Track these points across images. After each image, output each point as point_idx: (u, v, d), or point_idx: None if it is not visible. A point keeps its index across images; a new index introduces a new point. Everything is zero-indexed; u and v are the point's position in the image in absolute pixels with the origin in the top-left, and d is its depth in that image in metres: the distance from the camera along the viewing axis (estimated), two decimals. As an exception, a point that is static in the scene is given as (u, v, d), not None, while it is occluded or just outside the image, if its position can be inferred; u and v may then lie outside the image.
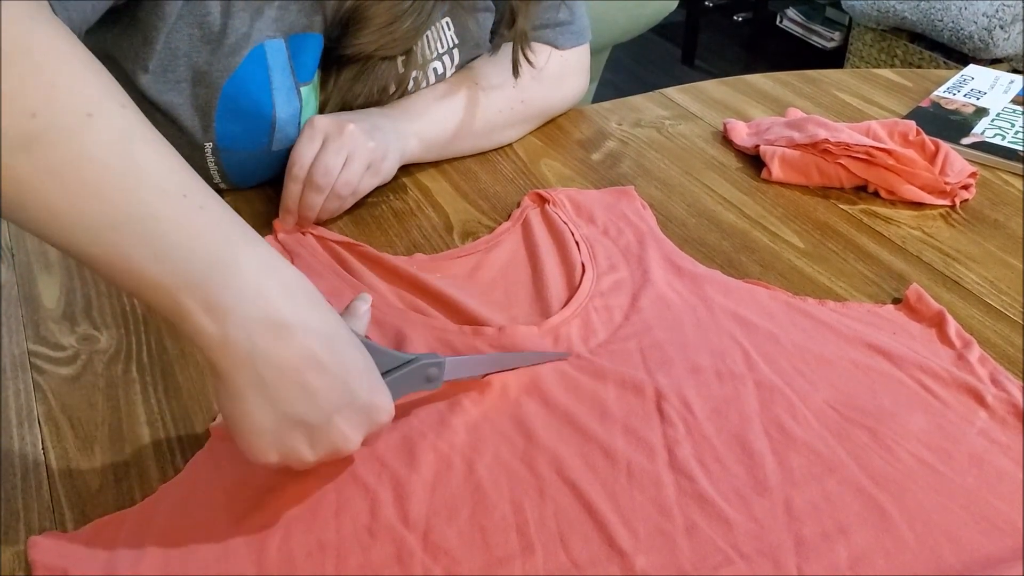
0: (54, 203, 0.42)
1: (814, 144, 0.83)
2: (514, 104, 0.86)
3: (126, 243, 0.43)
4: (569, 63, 0.91)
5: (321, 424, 0.47)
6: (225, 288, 0.44)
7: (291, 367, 0.45)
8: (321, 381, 0.46)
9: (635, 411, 0.57)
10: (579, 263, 0.70)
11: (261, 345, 0.44)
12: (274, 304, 0.45)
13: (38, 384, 0.59)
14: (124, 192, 0.43)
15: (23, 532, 0.49)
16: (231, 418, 0.46)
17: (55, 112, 0.42)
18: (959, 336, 0.64)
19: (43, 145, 0.41)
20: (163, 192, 0.44)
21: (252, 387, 0.45)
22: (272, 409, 0.45)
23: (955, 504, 0.51)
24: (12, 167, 0.41)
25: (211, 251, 0.44)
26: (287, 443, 0.46)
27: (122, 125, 0.44)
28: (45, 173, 0.41)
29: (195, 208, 0.45)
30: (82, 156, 0.42)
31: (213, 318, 0.44)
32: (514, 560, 0.48)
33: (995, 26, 2.25)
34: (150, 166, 0.44)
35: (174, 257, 0.43)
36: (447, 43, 0.83)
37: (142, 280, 0.43)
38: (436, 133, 0.81)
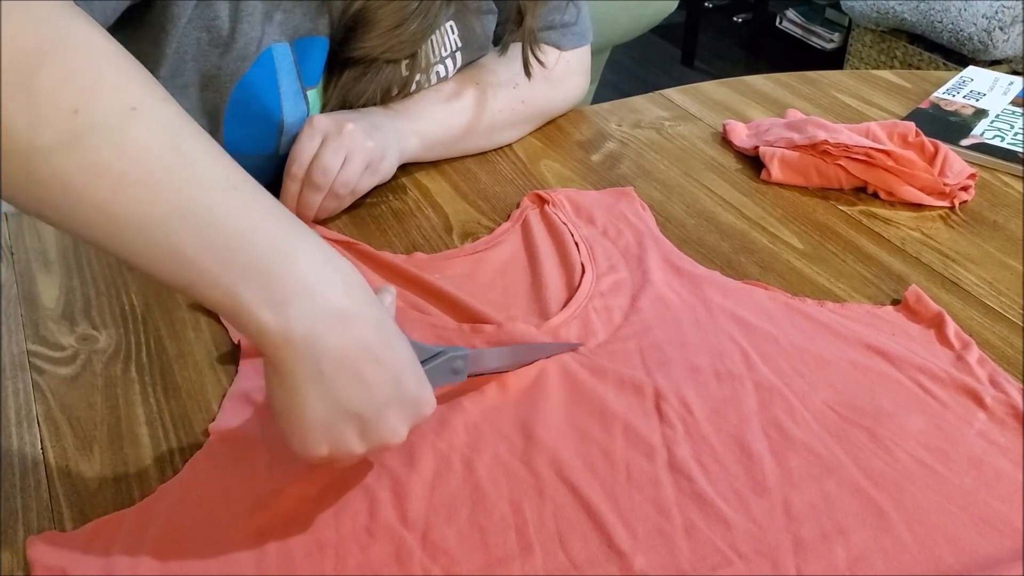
0: (103, 201, 0.41)
1: (813, 145, 0.83)
2: (515, 104, 0.86)
3: (180, 238, 0.42)
4: (571, 64, 0.91)
5: (373, 417, 0.46)
6: (285, 280, 0.43)
7: (349, 359, 0.45)
8: (376, 373, 0.46)
9: (634, 411, 0.57)
10: (578, 264, 0.70)
11: (322, 337, 0.44)
12: (333, 295, 0.45)
13: (37, 384, 0.59)
14: (176, 186, 0.42)
15: (22, 532, 0.49)
16: (286, 411, 0.46)
17: (98, 108, 0.41)
18: (958, 337, 0.64)
19: (87, 142, 0.40)
20: (214, 185, 0.43)
21: (311, 380, 0.44)
22: (328, 402, 0.45)
23: (953, 505, 0.51)
24: (56, 166, 0.40)
25: (269, 242, 0.44)
26: (338, 436, 0.46)
27: (167, 119, 0.43)
28: (92, 171, 0.40)
29: (248, 200, 0.44)
30: (129, 151, 0.41)
31: (274, 311, 0.43)
32: (513, 560, 0.48)
33: (995, 27, 2.26)
34: (199, 159, 0.43)
35: (231, 250, 0.43)
36: (451, 46, 0.83)
37: (197, 275, 0.42)
38: (436, 132, 0.81)
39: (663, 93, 1.02)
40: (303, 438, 0.46)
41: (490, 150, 0.88)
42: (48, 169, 0.40)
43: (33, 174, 0.40)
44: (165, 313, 0.65)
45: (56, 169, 0.40)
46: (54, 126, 0.40)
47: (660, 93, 1.02)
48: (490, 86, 0.85)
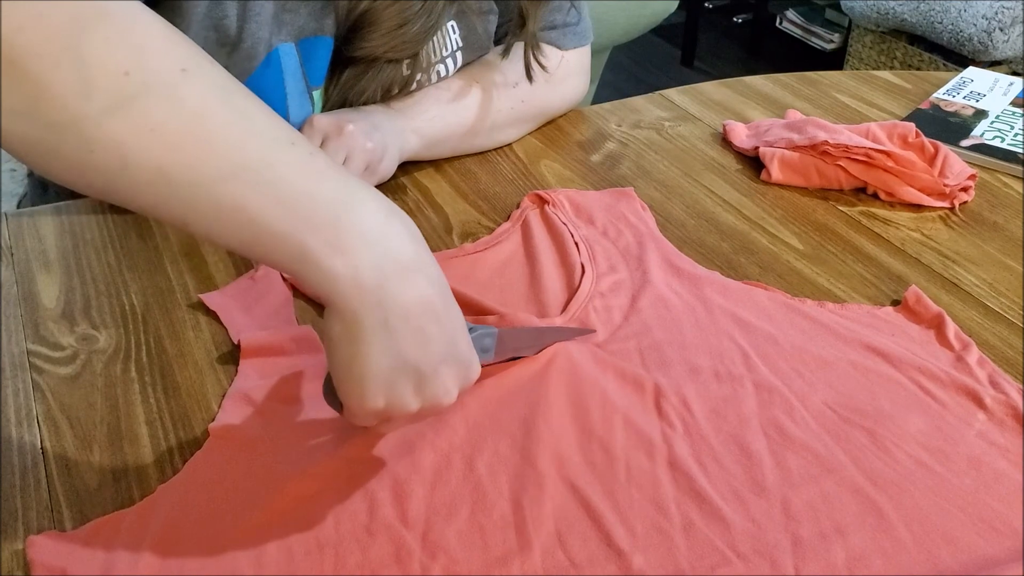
0: (160, 161, 0.41)
1: (813, 146, 0.83)
2: (515, 103, 0.86)
3: (241, 193, 0.42)
4: (571, 64, 0.91)
5: (430, 373, 0.47)
6: (353, 228, 0.44)
7: (414, 311, 0.45)
8: (435, 329, 0.46)
9: (634, 409, 0.57)
10: (578, 264, 0.70)
11: (391, 287, 0.44)
12: (400, 246, 0.45)
13: (37, 383, 0.59)
14: (235, 142, 0.42)
15: (22, 531, 0.49)
16: (347, 362, 0.45)
17: (149, 69, 0.41)
18: (958, 338, 0.64)
19: (141, 103, 0.40)
20: (274, 140, 0.44)
21: (376, 329, 0.44)
22: (390, 353, 0.45)
23: (952, 505, 0.51)
24: (111, 130, 0.40)
25: (333, 194, 0.44)
26: (396, 389, 0.46)
27: (217, 79, 0.43)
28: (147, 131, 0.40)
29: (306, 155, 0.44)
30: (184, 111, 0.41)
31: (344, 259, 0.43)
32: (512, 559, 0.48)
33: (995, 28, 2.26)
34: (254, 116, 0.44)
35: (297, 201, 0.43)
36: (452, 46, 0.83)
37: (260, 229, 0.42)
38: (436, 131, 0.81)
39: (663, 93, 1.02)
40: (363, 389, 0.46)
41: (490, 149, 0.88)
42: (102, 133, 0.40)
43: (86, 141, 0.40)
44: (165, 313, 0.65)
45: (111, 133, 0.40)
46: (106, 89, 0.39)
47: (660, 93, 1.02)
48: (491, 85, 0.85)
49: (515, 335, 0.60)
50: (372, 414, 0.47)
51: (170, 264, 0.70)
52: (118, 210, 0.76)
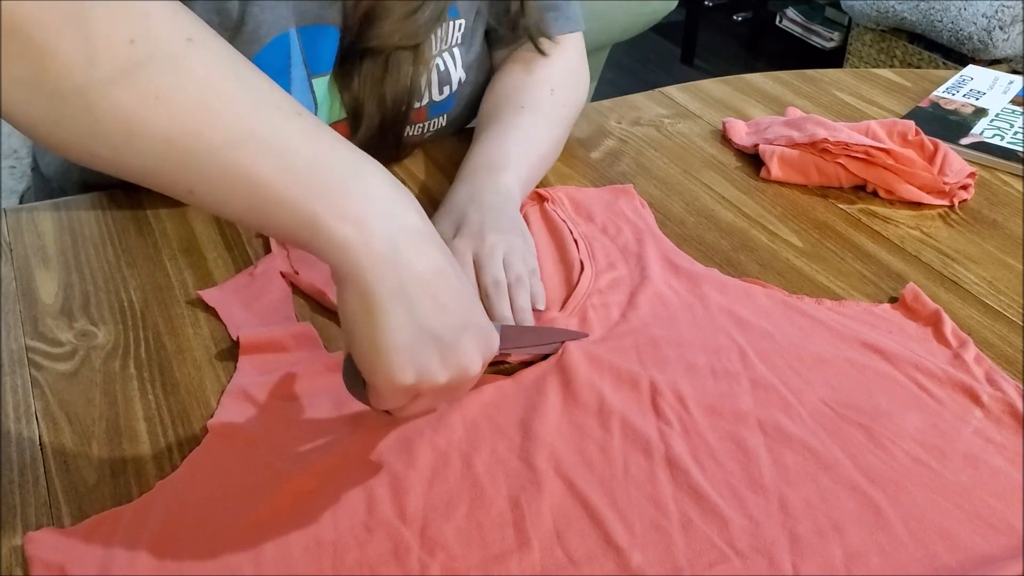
0: (166, 129, 0.40)
1: (813, 143, 0.83)
2: (560, 110, 0.84)
3: (250, 160, 0.42)
4: (575, 52, 0.89)
5: (453, 340, 0.46)
6: (362, 196, 0.43)
7: (428, 278, 0.45)
8: (451, 296, 0.46)
9: (631, 407, 0.57)
10: (577, 261, 0.70)
11: (404, 253, 0.44)
12: (408, 213, 0.45)
13: (36, 380, 0.59)
14: (242, 110, 0.42)
15: (20, 527, 0.49)
16: (369, 337, 0.44)
17: (155, 37, 0.40)
18: (955, 335, 0.64)
19: (147, 71, 0.40)
20: (279, 110, 0.43)
21: (394, 297, 0.44)
22: (410, 322, 0.44)
23: (950, 502, 0.51)
24: (116, 98, 0.39)
25: (340, 163, 0.44)
26: (422, 360, 0.45)
27: (221, 49, 0.43)
28: (154, 99, 0.40)
29: (312, 126, 0.44)
30: (190, 79, 0.41)
31: (354, 225, 0.43)
32: (511, 556, 0.48)
33: (994, 27, 2.25)
34: (259, 86, 0.44)
35: (303, 170, 0.42)
36: (450, 40, 0.82)
37: (268, 197, 0.42)
38: (525, 172, 0.77)
39: (663, 91, 1.02)
40: (389, 362, 0.45)
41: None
42: (108, 102, 0.39)
43: (92, 109, 0.40)
44: (164, 309, 0.65)
45: (116, 101, 0.39)
46: (111, 57, 0.39)
47: (660, 91, 1.02)
48: (535, 104, 0.82)
49: (516, 332, 0.60)
50: (402, 390, 0.46)
51: (169, 260, 0.70)
52: (118, 206, 0.76)
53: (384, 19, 0.74)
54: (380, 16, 0.74)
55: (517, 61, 0.86)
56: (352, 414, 0.56)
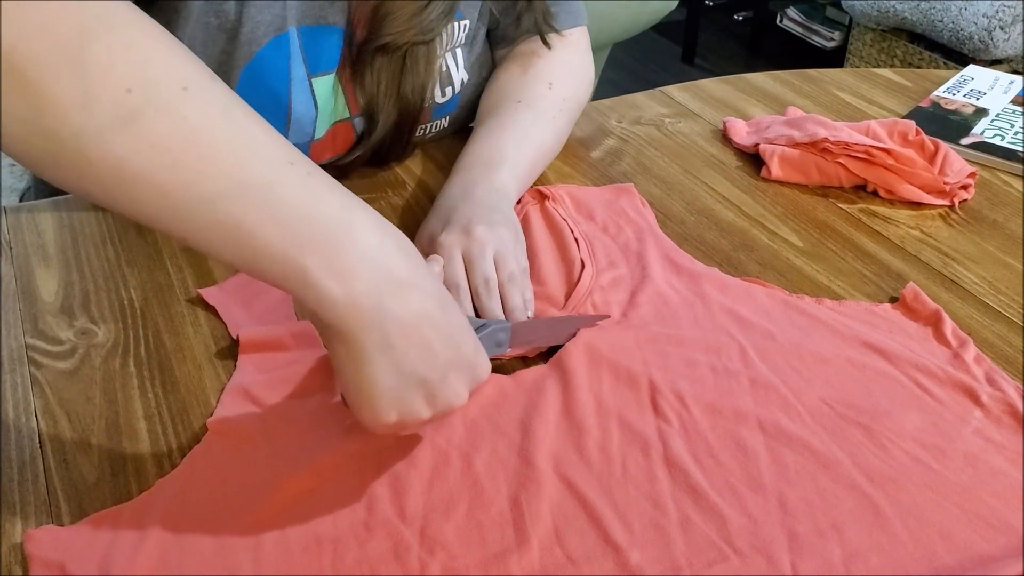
0: (161, 179, 0.41)
1: (814, 143, 0.83)
2: (560, 104, 0.84)
3: (242, 212, 0.42)
4: (579, 45, 0.89)
5: (437, 380, 0.48)
6: (348, 250, 0.44)
7: (412, 324, 0.46)
8: (437, 338, 0.47)
9: (630, 405, 0.57)
10: (578, 259, 0.70)
11: (386, 304, 0.45)
12: (394, 263, 0.46)
13: (35, 378, 0.59)
14: (236, 162, 0.42)
15: (20, 525, 0.49)
16: (355, 383, 0.46)
17: (151, 85, 0.41)
18: (955, 335, 0.64)
19: (143, 120, 0.40)
20: (273, 160, 0.44)
21: (378, 348, 0.45)
22: (396, 369, 0.46)
23: (949, 502, 0.51)
24: (111, 145, 0.40)
25: (330, 216, 0.44)
26: (407, 402, 0.47)
27: (218, 97, 0.43)
28: (149, 149, 0.40)
29: (304, 175, 0.45)
30: (186, 128, 0.41)
31: (339, 280, 0.44)
32: (510, 555, 0.48)
33: (995, 27, 2.25)
34: (255, 135, 0.44)
35: (294, 223, 0.43)
36: (455, 40, 0.82)
37: (260, 249, 0.43)
38: (521, 167, 0.77)
39: (663, 90, 1.02)
40: (374, 407, 0.47)
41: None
42: (102, 149, 0.40)
43: (86, 154, 0.40)
44: (164, 308, 0.65)
45: (111, 148, 0.40)
46: (107, 104, 0.39)
47: (660, 90, 1.02)
48: (534, 99, 0.82)
49: (529, 327, 0.61)
50: (387, 428, 0.48)
51: (169, 259, 0.70)
52: (117, 205, 0.76)
53: (394, 16, 0.73)
54: (389, 13, 0.73)
55: (516, 57, 0.86)
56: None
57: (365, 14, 0.75)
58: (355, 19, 0.75)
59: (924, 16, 2.38)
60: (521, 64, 0.85)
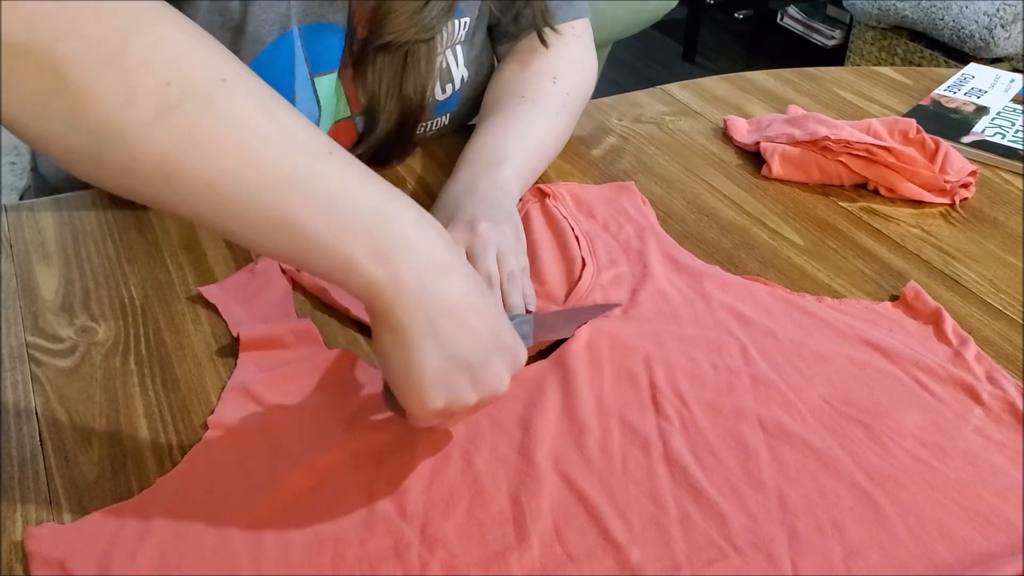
0: (205, 171, 0.41)
1: (814, 141, 0.83)
2: (563, 99, 0.84)
3: (287, 202, 0.42)
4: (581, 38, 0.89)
5: (482, 364, 0.48)
6: (392, 236, 0.45)
7: (456, 309, 0.46)
8: (479, 321, 0.47)
9: (630, 404, 0.57)
10: (579, 257, 0.70)
11: (431, 289, 0.45)
12: (435, 249, 0.46)
13: (36, 376, 0.59)
14: (277, 152, 0.43)
15: (20, 523, 0.49)
16: (402, 369, 0.46)
17: (189, 79, 0.41)
18: (956, 334, 0.64)
19: (183, 113, 0.40)
20: (313, 150, 0.44)
21: (424, 332, 0.45)
22: (441, 352, 0.46)
23: (949, 500, 0.51)
24: (153, 139, 0.40)
25: (373, 202, 0.45)
26: (453, 387, 0.47)
27: (255, 90, 0.44)
28: (190, 142, 0.41)
29: (343, 165, 0.45)
30: (226, 121, 0.42)
31: (385, 266, 0.44)
32: (510, 553, 0.48)
33: (996, 25, 2.25)
34: (292, 127, 0.44)
35: (338, 211, 0.43)
36: (454, 38, 0.82)
37: (305, 239, 0.43)
38: (524, 164, 0.77)
39: (664, 88, 1.02)
40: (422, 393, 0.47)
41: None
42: (146, 144, 0.40)
43: (130, 150, 0.40)
44: (164, 306, 0.65)
45: (153, 143, 0.40)
46: (148, 99, 0.40)
47: (661, 88, 1.02)
48: (537, 95, 0.82)
49: (549, 318, 0.61)
50: (434, 414, 0.48)
51: (169, 257, 0.70)
52: (118, 203, 0.76)
53: (394, 15, 0.73)
54: (390, 12, 0.73)
55: (519, 52, 0.86)
56: (352, 411, 0.56)
57: (365, 13, 0.75)
58: (355, 18, 0.75)
59: (925, 14, 2.37)
60: (524, 59, 0.85)
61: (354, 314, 0.64)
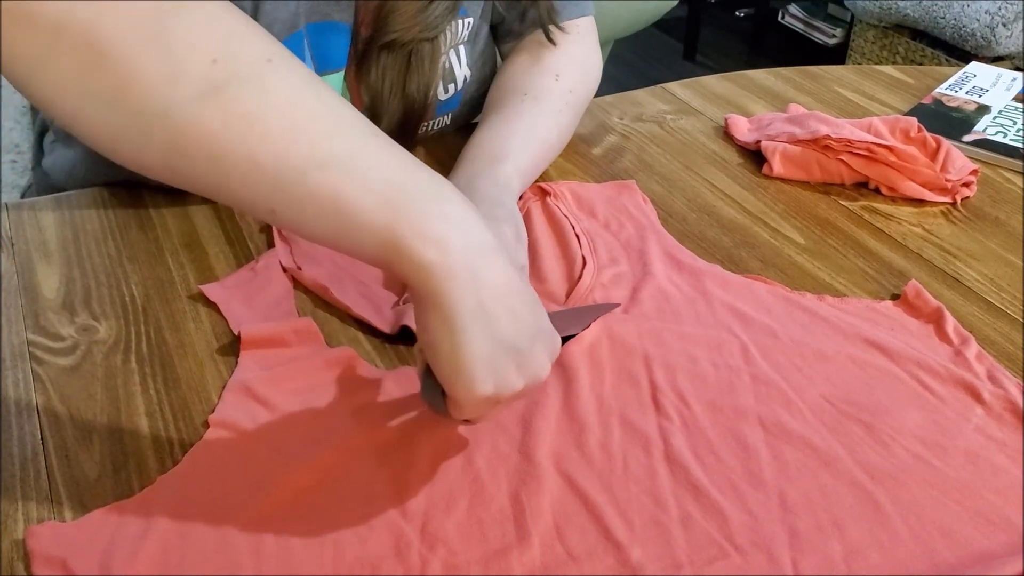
0: (253, 150, 0.41)
1: (815, 140, 0.83)
2: (566, 97, 0.83)
3: (335, 181, 0.42)
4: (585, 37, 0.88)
5: (527, 349, 0.47)
6: (439, 217, 0.44)
7: (503, 291, 0.46)
8: (523, 305, 0.47)
9: (631, 403, 0.57)
10: (580, 256, 0.70)
11: (480, 270, 0.45)
12: (480, 231, 0.46)
13: (37, 374, 0.59)
14: (324, 131, 0.42)
15: (22, 522, 0.49)
16: (451, 353, 0.45)
17: (236, 58, 0.41)
18: (957, 333, 0.64)
19: (231, 91, 0.40)
20: (360, 131, 0.44)
21: (474, 315, 0.44)
22: (490, 336, 0.45)
23: (949, 499, 0.51)
24: (201, 117, 0.40)
25: (420, 183, 0.44)
26: (501, 371, 0.46)
27: (299, 69, 0.43)
28: (239, 120, 0.40)
29: (387, 145, 0.45)
30: (273, 100, 0.41)
31: (435, 248, 0.43)
32: (511, 551, 0.48)
33: (997, 24, 2.25)
34: (338, 108, 0.44)
35: (388, 191, 0.43)
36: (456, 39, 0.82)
37: (353, 218, 0.43)
38: (526, 161, 0.76)
39: (665, 87, 1.02)
40: (471, 377, 0.46)
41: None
42: (192, 121, 0.39)
43: (175, 128, 0.40)
44: (165, 304, 0.65)
45: (200, 120, 0.40)
46: (194, 76, 0.39)
47: (662, 87, 1.02)
48: (540, 92, 0.81)
49: (561, 316, 0.60)
50: (482, 401, 0.47)
51: (170, 255, 0.70)
52: (119, 201, 0.76)
53: (398, 13, 0.73)
54: (393, 10, 0.73)
55: (522, 50, 0.85)
56: (353, 410, 0.56)
57: (369, 12, 0.75)
58: (360, 17, 0.75)
59: (926, 13, 2.37)
60: (527, 57, 0.84)
61: (355, 313, 0.64)
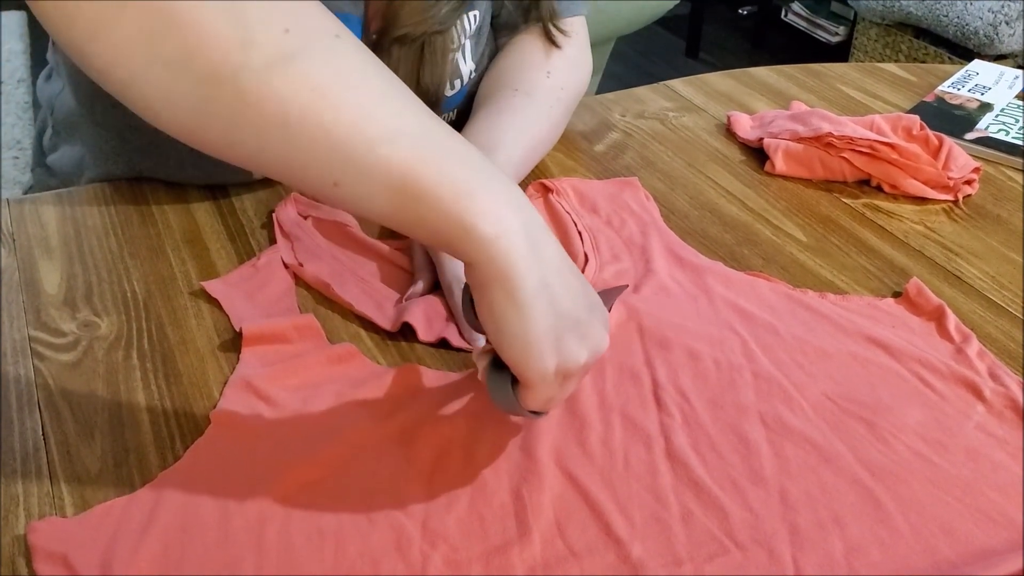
0: (322, 119, 0.41)
1: (817, 137, 0.83)
2: (557, 93, 0.83)
3: (404, 155, 0.42)
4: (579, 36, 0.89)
5: (586, 321, 0.48)
6: (501, 193, 0.45)
7: (560, 266, 0.47)
8: (576, 279, 0.48)
9: (632, 399, 0.57)
10: (582, 253, 0.70)
11: (539, 247, 0.45)
12: (531, 208, 0.46)
13: (38, 370, 0.59)
14: (392, 107, 0.43)
15: (23, 517, 0.49)
16: (518, 328, 0.45)
17: (306, 30, 0.41)
18: (958, 330, 0.64)
19: (303, 61, 0.40)
20: (421, 109, 0.44)
21: (538, 291, 0.45)
22: (553, 310, 0.46)
23: (950, 496, 0.51)
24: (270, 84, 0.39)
25: (480, 161, 0.45)
26: (565, 344, 0.47)
27: (364, 49, 0.44)
28: (310, 90, 0.40)
29: (444, 123, 0.45)
30: (343, 73, 0.41)
31: (498, 224, 0.44)
32: (512, 547, 0.48)
33: (1000, 22, 2.25)
34: (400, 85, 0.44)
35: (454, 167, 0.43)
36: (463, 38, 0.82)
37: (420, 193, 0.43)
38: (517, 153, 0.76)
39: (667, 84, 1.02)
40: (538, 352, 0.46)
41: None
42: (263, 89, 0.39)
43: (244, 95, 0.39)
44: (167, 300, 0.65)
45: (272, 88, 0.39)
46: (267, 44, 0.39)
47: (664, 84, 1.02)
48: (531, 87, 0.81)
49: None
50: (552, 377, 0.47)
51: (172, 251, 0.70)
52: (120, 197, 0.76)
53: (405, 11, 0.73)
54: (400, 8, 0.73)
55: (515, 45, 0.85)
56: (354, 406, 0.56)
57: (378, 8, 0.74)
58: (370, 11, 0.75)
59: (929, 11, 2.37)
60: (520, 52, 0.84)
61: (357, 310, 0.64)
